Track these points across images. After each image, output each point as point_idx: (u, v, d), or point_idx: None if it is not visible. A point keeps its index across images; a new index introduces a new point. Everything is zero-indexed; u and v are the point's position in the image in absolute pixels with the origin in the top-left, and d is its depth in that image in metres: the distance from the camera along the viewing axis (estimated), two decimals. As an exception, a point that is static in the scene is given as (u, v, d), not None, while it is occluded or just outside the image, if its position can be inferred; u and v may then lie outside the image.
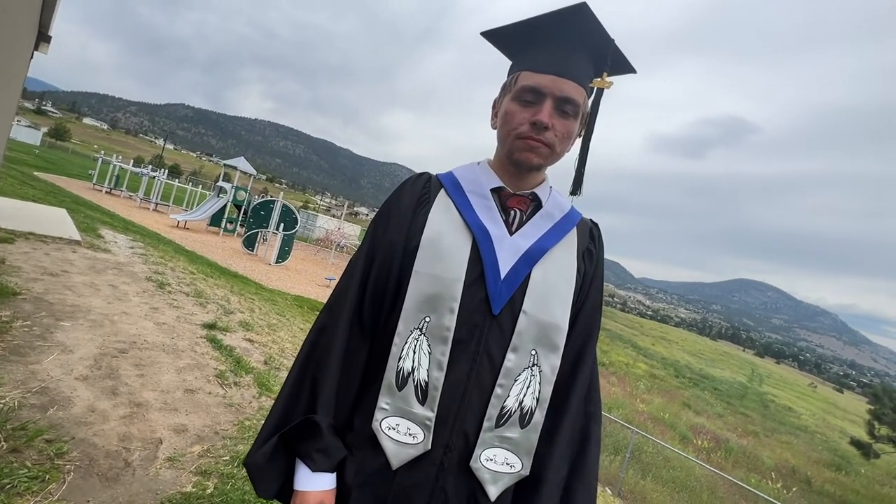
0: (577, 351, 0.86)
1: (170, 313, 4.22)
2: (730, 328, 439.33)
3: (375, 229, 0.88)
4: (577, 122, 0.80)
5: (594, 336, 0.88)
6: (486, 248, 0.79)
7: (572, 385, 0.84)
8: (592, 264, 0.88)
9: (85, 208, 11.67)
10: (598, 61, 0.81)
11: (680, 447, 13.70)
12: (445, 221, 0.81)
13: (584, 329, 0.87)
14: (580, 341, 0.86)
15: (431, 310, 0.77)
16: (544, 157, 0.80)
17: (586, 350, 0.87)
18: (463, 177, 0.88)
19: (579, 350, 0.86)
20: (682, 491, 9.15)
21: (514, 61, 0.86)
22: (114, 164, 22.02)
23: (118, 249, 6.43)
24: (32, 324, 2.98)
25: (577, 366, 0.85)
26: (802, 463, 18.23)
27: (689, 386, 32.04)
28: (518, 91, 0.79)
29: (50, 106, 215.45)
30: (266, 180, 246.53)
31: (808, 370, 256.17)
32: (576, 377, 0.84)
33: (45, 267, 4.31)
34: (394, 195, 0.90)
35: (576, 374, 0.85)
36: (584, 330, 0.87)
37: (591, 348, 0.88)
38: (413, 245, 0.81)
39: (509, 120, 0.80)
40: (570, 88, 0.77)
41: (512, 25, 0.81)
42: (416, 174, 0.93)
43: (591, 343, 0.87)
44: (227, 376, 3.20)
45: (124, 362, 2.87)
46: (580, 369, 0.85)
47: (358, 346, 0.83)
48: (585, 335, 0.87)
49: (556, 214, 0.86)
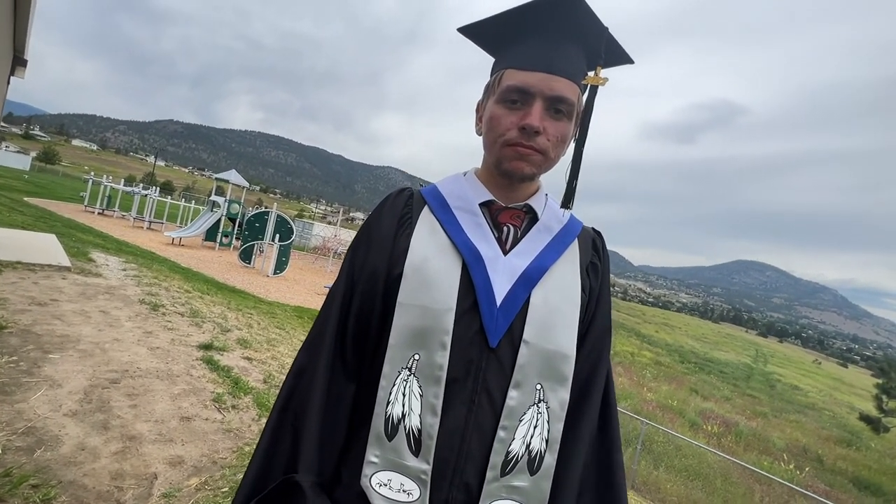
0: (586, 377, 0.76)
1: (164, 336, 4.12)
2: (731, 310, 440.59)
3: (354, 256, 0.79)
4: (572, 123, 0.71)
5: (605, 358, 0.79)
6: (478, 271, 0.70)
7: (585, 417, 0.75)
8: (598, 279, 0.79)
9: (77, 231, 11.53)
10: (591, 53, 0.72)
11: (690, 434, 13.66)
12: (431, 244, 0.72)
13: (594, 352, 0.78)
14: (590, 366, 0.77)
15: (420, 346, 0.68)
16: (537, 165, 0.71)
17: (597, 375, 0.78)
18: (448, 191, 0.79)
19: (589, 376, 0.77)
20: (695, 479, 9.08)
21: (497, 58, 0.77)
22: (104, 184, 21.83)
23: (110, 273, 6.32)
24: (19, 359, 2.87)
25: (588, 394, 0.76)
26: (813, 441, 18.23)
27: (695, 371, 32.06)
28: (503, 92, 0.70)
29: (38, 130, 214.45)
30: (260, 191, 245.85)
31: (812, 347, 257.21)
32: (588, 407, 0.75)
33: (33, 297, 4.20)
34: (373, 216, 0.81)
35: (588, 403, 0.75)
36: (593, 353, 0.78)
37: (603, 372, 0.79)
38: (396, 273, 0.72)
39: (495, 125, 0.71)
40: (561, 86, 0.68)
41: (491, 18, 0.72)
42: (396, 190, 0.83)
43: (601, 366, 0.78)
44: (224, 399, 3.11)
45: (116, 393, 2.77)
46: (592, 397, 0.76)
47: (342, 389, 0.74)
48: (595, 359, 0.78)
49: (554, 227, 0.77)
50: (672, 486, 8.30)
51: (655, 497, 8.05)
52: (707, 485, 8.94)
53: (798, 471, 11.99)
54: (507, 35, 0.73)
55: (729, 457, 9.13)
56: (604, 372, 0.79)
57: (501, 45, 0.75)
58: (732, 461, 8.91)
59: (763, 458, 12.86)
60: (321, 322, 0.77)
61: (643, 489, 8.05)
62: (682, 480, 8.81)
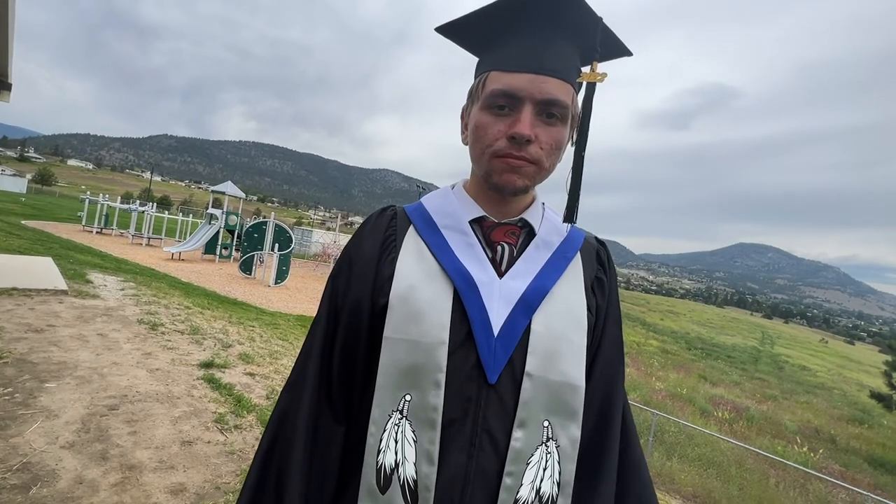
0: (599, 406, 0.69)
1: (164, 357, 4.05)
2: (735, 294, 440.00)
3: (335, 286, 0.72)
4: (567, 126, 0.64)
5: (619, 382, 0.72)
6: (471, 298, 0.63)
7: (601, 453, 0.67)
8: (605, 296, 0.72)
9: (75, 252, 11.48)
10: (585, 48, 0.65)
11: (701, 422, 13.58)
12: (418, 270, 0.65)
13: (606, 378, 0.70)
14: (602, 394, 0.70)
15: (412, 385, 0.61)
16: (530, 176, 0.64)
17: (612, 403, 0.70)
18: (435, 208, 0.72)
19: (602, 404, 0.69)
20: (709, 467, 9.00)
21: (481, 58, 0.70)
22: (101, 202, 21.79)
23: (108, 293, 6.26)
24: (14, 390, 2.81)
25: (604, 426, 0.68)
26: (825, 422, 18.15)
27: (703, 357, 31.97)
28: (488, 97, 0.63)
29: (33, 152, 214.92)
30: (257, 201, 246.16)
31: (818, 326, 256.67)
32: (604, 442, 0.68)
33: (29, 323, 4.14)
34: (353, 240, 0.74)
35: (603, 437, 0.68)
36: (604, 379, 0.70)
37: (618, 398, 0.71)
38: (381, 304, 0.65)
39: (481, 135, 0.64)
40: (552, 87, 0.61)
41: (471, 15, 0.65)
42: (378, 209, 0.76)
43: (616, 392, 0.71)
44: (226, 420, 3.04)
45: (115, 420, 2.71)
46: (608, 430, 0.68)
47: (330, 433, 0.67)
48: (608, 386, 0.70)
49: (553, 241, 0.70)
50: (686, 477, 8.22)
51: (670, 488, 7.99)
52: (722, 473, 8.86)
53: (812, 453, 11.89)
54: (490, 33, 0.66)
55: (741, 443, 9.06)
56: (619, 400, 0.71)
57: (484, 44, 0.68)
58: (745, 448, 8.84)
59: (776, 442, 12.78)
60: (302, 360, 0.70)
61: (657, 481, 7.98)
62: (696, 470, 8.73)
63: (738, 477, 8.78)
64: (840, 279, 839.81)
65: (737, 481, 8.44)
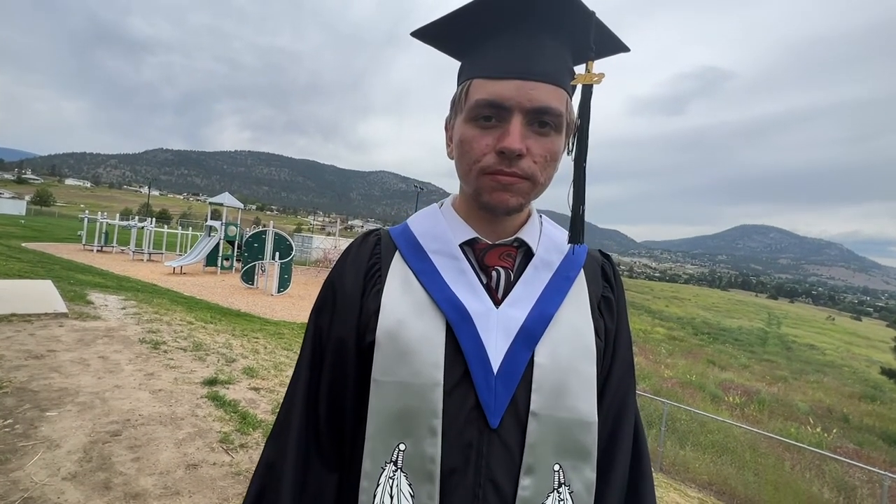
0: (609, 435, 0.62)
1: (166, 376, 4.01)
2: (739, 276, 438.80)
3: (318, 322, 0.66)
4: (562, 135, 0.58)
5: (630, 406, 0.65)
6: (465, 332, 0.57)
7: (614, 488, 0.61)
8: (613, 316, 0.66)
9: (76, 272, 11.46)
10: (577, 46, 0.58)
11: (712, 408, 13.52)
12: (405, 302, 0.59)
13: (616, 405, 0.64)
14: (612, 421, 0.63)
15: (405, 433, 0.55)
16: (524, 193, 0.57)
17: (622, 432, 0.63)
18: (422, 231, 0.66)
19: (613, 433, 0.63)
20: (723, 454, 8.94)
21: (463, 63, 0.63)
22: (99, 220, 21.79)
23: (109, 313, 6.22)
24: (14, 421, 2.77)
25: (613, 462, 0.62)
26: (836, 400, 18.08)
27: (710, 342, 31.87)
28: (472, 108, 0.57)
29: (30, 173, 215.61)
30: (256, 210, 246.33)
31: (823, 304, 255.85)
32: (614, 480, 0.61)
33: (29, 350, 4.09)
34: (335, 270, 0.67)
35: (612, 471, 0.61)
36: (615, 407, 0.64)
37: (629, 427, 0.65)
38: (368, 341, 0.59)
39: (467, 150, 0.58)
40: (543, 94, 0.54)
41: (449, 16, 0.58)
42: (361, 234, 0.70)
43: (626, 418, 0.64)
44: (232, 439, 2.99)
45: (117, 447, 2.66)
46: (617, 465, 0.62)
47: (320, 483, 0.61)
48: (617, 414, 0.64)
49: (553, 260, 0.64)
50: (700, 465, 8.16)
51: (685, 477, 7.93)
52: (736, 459, 8.80)
53: (825, 433, 11.83)
54: (470, 36, 0.59)
55: (753, 428, 8.99)
56: (630, 426, 0.65)
57: (465, 48, 0.62)
58: (758, 433, 8.79)
59: (789, 424, 12.72)
60: (287, 405, 0.64)
61: (671, 471, 7.93)
62: (710, 457, 8.67)
63: (753, 462, 8.72)
64: (843, 255, 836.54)
65: (752, 467, 8.38)
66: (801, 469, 8.77)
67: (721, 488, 7.71)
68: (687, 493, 6.61)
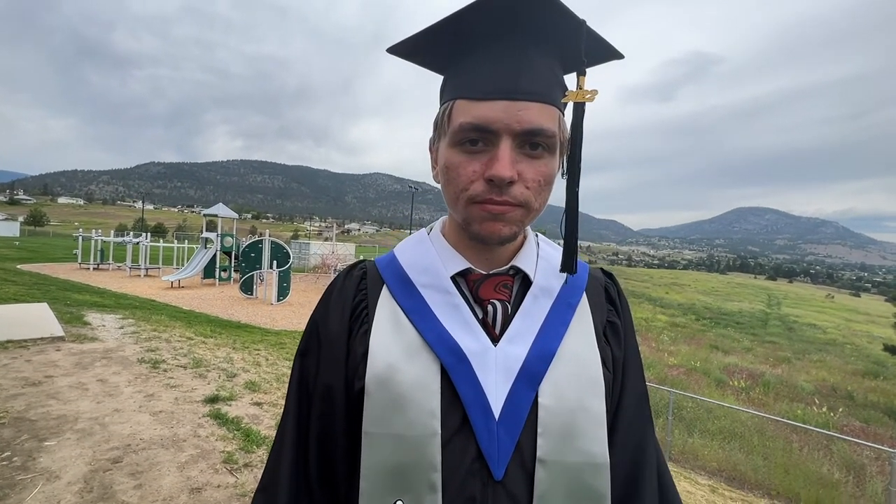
0: (625, 478, 0.56)
1: (167, 396, 3.95)
2: (737, 259, 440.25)
3: (304, 367, 0.61)
4: (556, 156, 0.53)
5: (649, 444, 0.60)
6: (462, 375, 0.52)
7: None
8: (620, 343, 0.61)
9: (72, 292, 11.37)
10: (567, 58, 0.54)
11: (718, 393, 13.54)
12: (396, 344, 0.55)
13: (632, 441, 0.58)
14: (629, 461, 0.58)
15: (402, 489, 0.50)
16: (517, 222, 0.53)
17: (641, 472, 0.58)
18: (411, 262, 0.61)
19: (629, 475, 0.57)
20: (731, 440, 8.95)
21: (445, 78, 0.58)
22: (94, 238, 21.66)
23: (107, 334, 6.15)
24: (12, 454, 2.71)
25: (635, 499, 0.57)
26: (840, 378, 18.14)
27: (712, 326, 31.94)
28: (456, 133, 0.52)
29: (22, 194, 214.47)
30: (252, 218, 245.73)
31: (822, 282, 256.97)
32: None
33: (26, 377, 4.03)
34: (320, 309, 0.63)
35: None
36: (631, 443, 0.58)
37: (648, 465, 0.59)
38: (357, 388, 0.54)
39: (453, 177, 0.53)
40: (533, 115, 0.49)
41: (426, 32, 0.53)
42: (346, 268, 0.65)
43: (646, 461, 0.59)
44: (236, 458, 2.95)
45: (119, 474, 2.61)
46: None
47: None
48: (635, 449, 0.58)
49: (553, 286, 0.59)
50: (710, 452, 8.16)
51: (695, 465, 7.93)
52: (744, 444, 8.80)
53: (831, 412, 11.85)
54: (450, 50, 0.55)
55: (760, 412, 8.99)
56: (652, 471, 0.59)
57: (446, 63, 0.57)
58: (763, 416, 8.80)
59: (795, 405, 12.74)
60: (274, 458, 0.60)
61: (680, 459, 7.93)
62: (718, 444, 8.68)
63: (761, 446, 8.73)
64: (840, 233, 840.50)
65: (760, 451, 8.38)
66: (809, 450, 8.78)
67: (731, 474, 7.71)
68: (697, 480, 6.60)
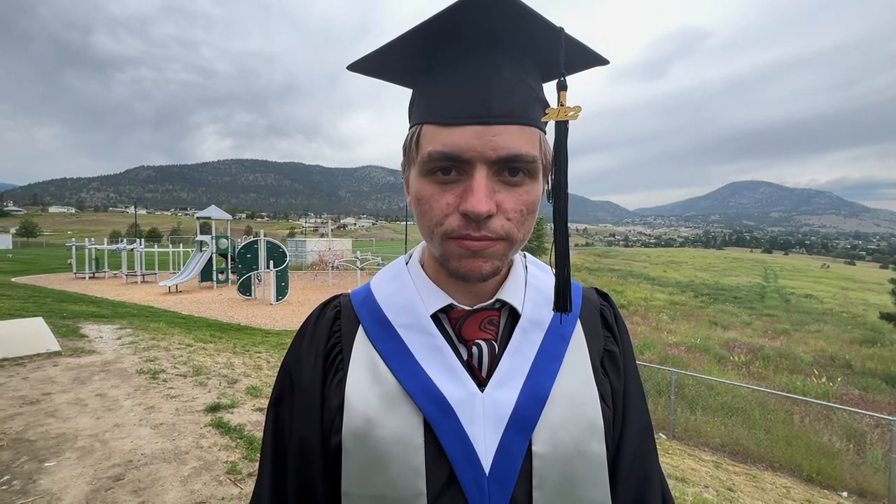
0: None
1: (167, 407, 3.93)
2: (732, 233, 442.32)
3: (277, 417, 0.56)
4: (538, 180, 0.48)
5: (653, 482, 0.56)
6: (446, 427, 0.47)
7: None
8: (620, 372, 0.57)
9: (69, 303, 11.28)
10: (544, 69, 0.48)
11: (718, 368, 13.68)
12: (374, 394, 0.50)
13: (634, 480, 0.54)
14: (633, 499, 0.54)
15: None
16: (500, 257, 0.47)
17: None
18: (388, 299, 0.56)
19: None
20: (733, 415, 9.05)
21: (412, 95, 0.52)
22: (87, 247, 21.44)
23: (104, 345, 6.10)
24: (12, 477, 2.68)
25: None
26: (838, 348, 18.34)
27: (710, 302, 32.12)
28: (426, 162, 0.46)
29: (12, 205, 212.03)
30: (247, 218, 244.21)
31: (817, 252, 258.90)
32: None
33: (23, 396, 3.99)
34: (292, 353, 0.58)
35: None
36: (633, 482, 0.54)
37: (655, 497, 0.55)
38: (334, 443, 0.50)
39: (426, 210, 0.47)
40: (509, 139, 0.44)
41: (387, 47, 0.47)
42: (319, 306, 0.60)
43: (650, 494, 0.55)
44: (239, 468, 2.93)
45: (121, 492, 2.59)
46: None
47: None
48: (638, 491, 0.54)
49: (544, 317, 0.54)
50: (712, 428, 8.26)
51: (698, 442, 8.04)
52: (746, 419, 8.91)
53: (830, 382, 12.00)
54: (415, 68, 0.49)
55: (760, 386, 9.08)
56: (657, 497, 0.56)
57: (412, 80, 0.51)
58: (763, 390, 8.90)
59: (794, 377, 12.89)
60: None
61: (684, 437, 8.03)
62: (720, 420, 8.78)
63: (763, 420, 8.84)
64: (833, 203, 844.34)
65: (762, 425, 8.49)
66: (810, 420, 8.90)
67: (734, 449, 7.82)
68: (701, 457, 6.69)
